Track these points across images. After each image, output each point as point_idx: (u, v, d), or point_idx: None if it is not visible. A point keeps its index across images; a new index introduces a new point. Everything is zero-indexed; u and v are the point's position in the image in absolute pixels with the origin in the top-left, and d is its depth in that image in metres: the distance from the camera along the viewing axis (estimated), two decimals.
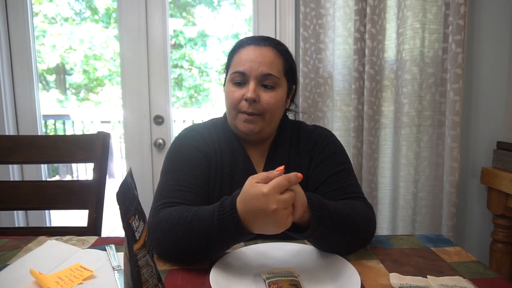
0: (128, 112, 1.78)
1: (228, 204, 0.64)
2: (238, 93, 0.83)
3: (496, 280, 0.65)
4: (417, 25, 1.47)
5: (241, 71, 0.82)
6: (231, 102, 0.84)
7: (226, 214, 0.63)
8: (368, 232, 0.78)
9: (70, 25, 4.43)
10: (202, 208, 0.68)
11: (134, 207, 0.46)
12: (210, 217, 0.65)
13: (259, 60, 0.81)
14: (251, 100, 0.81)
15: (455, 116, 1.42)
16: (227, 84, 0.87)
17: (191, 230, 0.66)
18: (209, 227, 0.64)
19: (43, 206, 1.17)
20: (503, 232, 1.46)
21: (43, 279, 0.63)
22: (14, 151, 1.15)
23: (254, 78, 0.82)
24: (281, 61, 0.85)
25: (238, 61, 0.83)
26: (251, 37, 0.87)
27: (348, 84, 1.59)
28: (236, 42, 0.89)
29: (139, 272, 0.46)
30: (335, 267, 0.69)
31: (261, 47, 0.83)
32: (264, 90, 0.83)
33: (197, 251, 0.68)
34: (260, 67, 0.81)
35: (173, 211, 0.71)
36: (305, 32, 1.58)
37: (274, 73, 0.82)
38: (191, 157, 0.84)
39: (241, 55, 0.84)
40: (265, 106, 0.83)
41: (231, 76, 0.85)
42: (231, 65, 0.86)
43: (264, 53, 0.82)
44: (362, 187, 1.57)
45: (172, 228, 0.68)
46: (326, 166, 0.88)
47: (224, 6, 3.42)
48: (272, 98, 0.83)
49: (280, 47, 0.86)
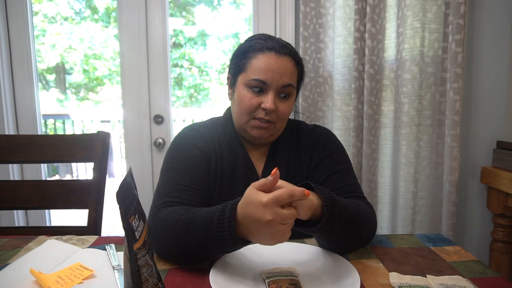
0: (128, 112, 1.78)
1: (229, 208, 0.63)
2: (255, 100, 0.82)
3: (496, 279, 0.65)
4: (417, 25, 1.46)
5: (262, 80, 0.80)
6: (246, 108, 0.83)
7: (225, 217, 0.62)
8: (370, 232, 0.78)
9: (70, 24, 4.43)
10: (202, 210, 0.68)
11: (134, 206, 0.46)
12: (209, 220, 0.64)
13: (281, 71, 0.81)
14: (271, 111, 0.81)
15: (455, 115, 1.42)
16: (242, 88, 0.83)
17: (189, 232, 0.66)
18: (207, 230, 0.64)
19: (43, 205, 1.17)
20: (503, 231, 1.46)
21: (43, 278, 0.63)
22: (14, 150, 1.15)
23: (274, 89, 0.81)
24: (297, 71, 0.86)
25: (258, 68, 0.81)
26: (270, 41, 0.83)
27: (348, 83, 1.59)
28: (251, 41, 0.85)
29: (139, 271, 0.46)
30: (334, 266, 0.69)
31: (282, 57, 0.81)
32: (281, 100, 0.83)
33: (195, 253, 0.68)
34: (281, 79, 0.81)
35: (173, 211, 0.71)
36: (305, 31, 1.58)
37: (293, 84, 0.84)
38: (191, 156, 0.84)
39: (261, 61, 0.81)
40: (280, 116, 0.84)
41: (249, 82, 0.82)
42: (248, 69, 0.82)
43: (285, 64, 0.81)
44: (362, 186, 1.57)
45: (172, 229, 0.68)
46: (326, 165, 0.88)
47: (224, 5, 3.42)
48: (287, 108, 0.84)
49: (297, 56, 0.86)
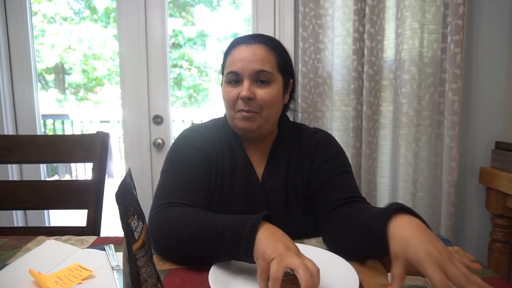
0: (127, 112, 1.78)
1: (249, 227, 0.62)
2: (233, 92, 0.84)
3: (495, 279, 0.65)
4: (416, 25, 1.47)
5: (234, 71, 0.83)
6: (228, 102, 0.85)
7: (244, 235, 0.61)
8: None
9: (69, 24, 4.43)
10: (215, 219, 0.68)
11: (133, 207, 0.46)
12: (224, 231, 0.64)
13: (250, 58, 0.82)
14: (247, 99, 0.82)
15: (453, 116, 1.42)
16: (223, 85, 0.88)
17: (200, 238, 0.66)
18: (220, 242, 0.64)
19: (42, 206, 1.17)
20: (502, 231, 1.47)
21: (42, 279, 0.63)
22: (13, 151, 1.15)
23: (248, 76, 0.82)
24: (273, 56, 0.85)
25: (231, 62, 0.84)
26: (242, 37, 0.88)
27: (347, 84, 1.59)
28: (229, 43, 0.90)
29: (138, 272, 0.46)
30: (333, 266, 0.69)
31: (252, 45, 0.84)
32: (259, 86, 0.83)
33: (199, 257, 0.69)
34: (252, 65, 0.82)
35: (183, 214, 0.71)
36: (304, 32, 1.58)
37: (267, 69, 0.83)
38: (191, 158, 0.85)
39: (233, 55, 0.85)
40: (261, 103, 0.83)
41: (226, 77, 0.86)
42: (226, 67, 0.87)
43: (255, 51, 0.83)
44: (361, 187, 1.57)
45: (178, 234, 0.69)
46: (329, 167, 0.89)
47: (223, 6, 3.42)
48: (267, 94, 0.83)
49: (271, 43, 0.86)
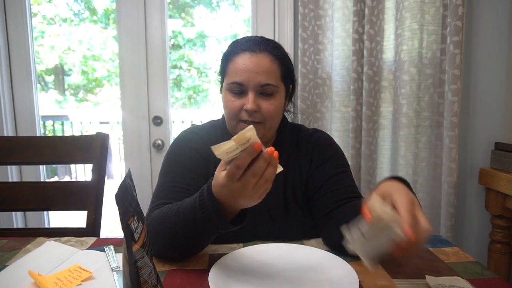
0: (127, 113, 1.78)
1: (205, 188, 0.64)
2: (237, 103, 0.81)
3: (494, 280, 0.66)
4: (415, 26, 1.47)
5: (238, 82, 0.80)
6: (230, 112, 0.83)
7: (204, 197, 0.63)
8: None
9: (69, 25, 4.43)
10: (186, 200, 0.69)
11: (133, 208, 0.46)
12: (192, 204, 0.65)
13: (256, 70, 0.79)
14: (252, 112, 0.80)
15: (453, 117, 1.42)
16: (225, 93, 0.84)
17: (177, 221, 0.67)
18: (193, 214, 0.64)
19: (41, 207, 1.17)
20: (501, 232, 1.47)
21: (42, 280, 0.63)
22: (13, 152, 1.15)
23: (253, 89, 0.80)
24: (278, 66, 0.82)
25: (234, 71, 0.81)
26: (245, 41, 0.83)
27: (346, 85, 1.59)
28: (230, 46, 0.86)
29: (138, 273, 0.46)
30: (333, 267, 0.69)
31: (257, 54, 0.80)
32: (264, 98, 0.81)
33: (188, 241, 0.69)
34: (257, 77, 0.79)
35: (163, 208, 0.73)
36: (304, 33, 1.58)
37: (272, 82, 0.81)
38: (189, 159, 0.85)
39: (236, 64, 0.81)
40: (266, 115, 0.82)
41: (229, 86, 0.82)
42: (227, 73, 0.83)
43: (261, 62, 0.80)
44: (361, 187, 1.57)
45: (162, 223, 0.70)
46: (328, 167, 0.89)
47: (223, 6, 3.43)
48: (271, 106, 0.82)
49: (276, 51, 0.83)
